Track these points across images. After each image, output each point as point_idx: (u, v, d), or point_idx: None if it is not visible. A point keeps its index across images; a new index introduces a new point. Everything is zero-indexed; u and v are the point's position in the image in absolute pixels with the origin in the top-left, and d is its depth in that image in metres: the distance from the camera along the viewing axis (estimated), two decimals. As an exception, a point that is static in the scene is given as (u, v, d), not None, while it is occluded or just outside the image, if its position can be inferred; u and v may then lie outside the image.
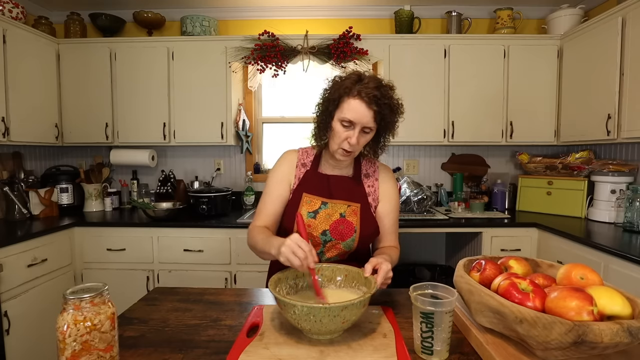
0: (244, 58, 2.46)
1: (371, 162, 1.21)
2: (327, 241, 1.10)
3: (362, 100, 1.00)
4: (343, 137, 1.04)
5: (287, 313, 0.75)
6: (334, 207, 1.11)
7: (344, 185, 1.14)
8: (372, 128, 1.03)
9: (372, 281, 0.85)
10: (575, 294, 0.63)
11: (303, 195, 1.13)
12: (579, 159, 2.31)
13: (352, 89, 1.01)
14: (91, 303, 0.64)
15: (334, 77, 1.09)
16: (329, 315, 0.71)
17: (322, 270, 0.94)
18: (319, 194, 1.13)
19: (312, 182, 1.14)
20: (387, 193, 1.18)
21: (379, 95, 0.99)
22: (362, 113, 1.00)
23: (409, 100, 2.41)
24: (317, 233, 1.09)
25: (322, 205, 1.11)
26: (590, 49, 2.15)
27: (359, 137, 1.03)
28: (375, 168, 1.20)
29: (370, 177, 1.18)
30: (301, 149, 1.23)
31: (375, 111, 1.00)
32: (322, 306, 0.70)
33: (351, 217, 1.11)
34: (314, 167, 1.17)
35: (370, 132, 1.05)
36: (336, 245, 1.10)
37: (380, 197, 1.17)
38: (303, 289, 0.93)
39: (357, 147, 1.05)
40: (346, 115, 1.02)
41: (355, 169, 1.18)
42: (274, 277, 0.87)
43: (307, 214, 1.10)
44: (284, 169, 1.18)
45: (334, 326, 0.73)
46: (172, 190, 2.63)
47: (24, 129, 2.20)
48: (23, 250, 1.84)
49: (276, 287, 0.84)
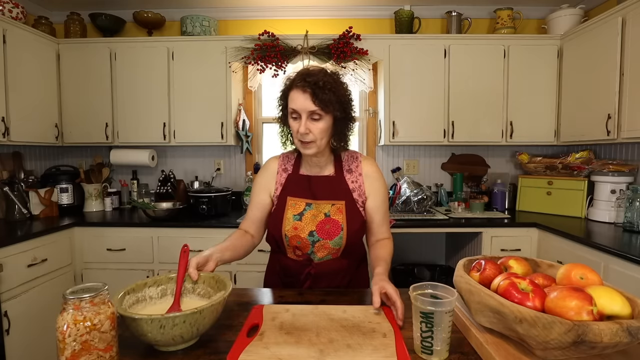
0: (244, 58, 2.46)
1: (353, 157, 1.20)
2: (315, 242, 1.11)
3: (297, 88, 1.05)
4: (295, 128, 1.07)
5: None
6: (319, 208, 1.12)
7: (326, 184, 1.15)
8: (318, 113, 1.04)
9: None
10: (575, 293, 0.63)
11: (287, 199, 1.15)
12: (579, 159, 2.30)
13: (292, 82, 1.08)
14: (91, 303, 0.64)
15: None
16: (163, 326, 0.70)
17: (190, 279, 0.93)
18: (302, 196, 1.14)
19: (295, 185, 1.16)
20: (373, 187, 1.18)
21: (311, 81, 1.03)
22: (300, 99, 1.04)
23: (409, 100, 2.45)
24: (304, 235, 1.10)
25: (306, 206, 1.13)
26: (590, 49, 2.15)
27: (307, 124, 1.05)
28: (358, 163, 1.19)
29: (353, 172, 1.18)
30: (282, 154, 1.25)
31: (310, 93, 1.03)
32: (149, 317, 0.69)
33: (336, 215, 1.11)
34: (295, 170, 1.19)
35: (320, 118, 1.05)
36: (325, 245, 1.11)
37: (367, 191, 1.17)
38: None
39: (312, 135, 1.06)
40: (290, 106, 1.07)
41: (336, 167, 1.18)
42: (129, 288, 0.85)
43: (292, 217, 1.12)
44: (264, 177, 1.21)
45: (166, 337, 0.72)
46: (172, 190, 2.63)
47: (24, 129, 2.21)
48: (23, 250, 1.84)
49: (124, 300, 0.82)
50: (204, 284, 0.93)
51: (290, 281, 1.18)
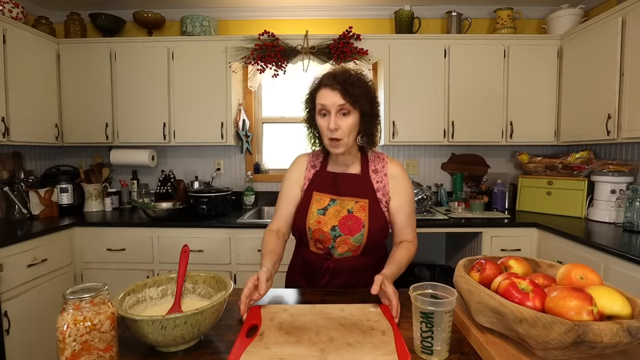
0: (244, 58, 2.46)
1: (380, 158, 1.23)
2: (336, 236, 1.13)
3: (326, 86, 1.09)
4: (325, 125, 1.10)
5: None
6: (342, 204, 1.15)
7: (351, 182, 1.18)
8: (347, 108, 1.08)
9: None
10: (575, 293, 0.63)
11: (313, 193, 1.19)
12: (579, 159, 2.30)
13: (319, 82, 1.12)
14: (91, 303, 0.64)
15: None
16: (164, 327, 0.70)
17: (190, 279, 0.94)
18: (327, 192, 1.18)
19: (321, 181, 1.20)
20: (397, 188, 1.19)
21: (339, 78, 1.08)
22: (330, 95, 1.08)
23: (409, 100, 2.45)
24: (327, 229, 1.13)
25: (330, 202, 1.16)
26: (590, 49, 2.15)
27: (337, 120, 1.08)
28: (384, 164, 1.22)
29: (379, 172, 1.20)
30: (312, 152, 1.29)
31: (339, 89, 1.07)
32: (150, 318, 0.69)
33: (359, 212, 1.14)
34: (322, 167, 1.23)
35: (348, 113, 1.09)
36: (346, 241, 1.13)
37: (391, 192, 1.19)
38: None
39: (341, 132, 1.09)
40: (319, 102, 1.11)
41: (362, 166, 1.21)
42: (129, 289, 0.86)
43: (317, 211, 1.16)
44: (295, 172, 1.26)
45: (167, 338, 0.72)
46: (172, 190, 2.63)
47: (24, 129, 2.21)
48: (23, 250, 1.84)
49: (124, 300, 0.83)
50: (205, 284, 0.93)
51: (310, 274, 1.21)
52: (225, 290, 0.83)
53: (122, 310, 0.73)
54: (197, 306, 0.74)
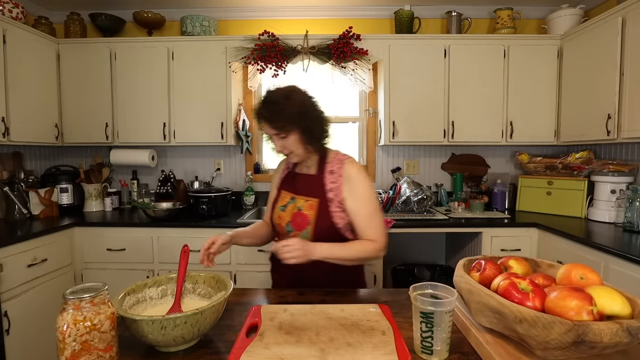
0: (244, 58, 2.46)
1: (338, 159, 1.24)
2: (289, 231, 1.22)
3: (258, 116, 1.18)
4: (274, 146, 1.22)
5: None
6: (296, 202, 1.24)
7: (306, 182, 1.25)
8: (282, 133, 1.15)
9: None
10: (575, 293, 0.63)
11: (281, 192, 1.30)
12: (579, 159, 2.30)
13: (255, 112, 1.20)
14: (91, 303, 0.64)
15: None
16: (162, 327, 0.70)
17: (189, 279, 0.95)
18: (289, 190, 1.28)
19: (288, 181, 1.31)
20: (352, 190, 1.19)
21: (266, 110, 1.15)
22: (264, 125, 1.18)
23: (409, 100, 2.45)
24: (284, 224, 1.23)
25: (290, 199, 1.25)
26: (590, 49, 2.15)
27: (280, 143, 1.17)
28: (341, 165, 1.22)
29: (334, 173, 1.22)
30: None
31: (267, 121, 1.15)
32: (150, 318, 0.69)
33: (307, 210, 1.19)
34: (293, 168, 1.33)
35: (286, 136, 1.15)
36: (295, 236, 1.18)
37: (346, 193, 1.19)
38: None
39: (287, 150, 1.18)
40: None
41: (319, 167, 1.24)
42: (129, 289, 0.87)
43: (279, 208, 1.26)
44: (277, 174, 1.39)
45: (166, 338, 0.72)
46: (172, 190, 2.63)
47: (24, 129, 2.20)
48: (23, 250, 1.84)
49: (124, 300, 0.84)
50: (204, 284, 0.93)
51: (279, 273, 1.29)
52: (225, 290, 0.83)
53: (122, 310, 0.73)
54: (197, 306, 0.74)
